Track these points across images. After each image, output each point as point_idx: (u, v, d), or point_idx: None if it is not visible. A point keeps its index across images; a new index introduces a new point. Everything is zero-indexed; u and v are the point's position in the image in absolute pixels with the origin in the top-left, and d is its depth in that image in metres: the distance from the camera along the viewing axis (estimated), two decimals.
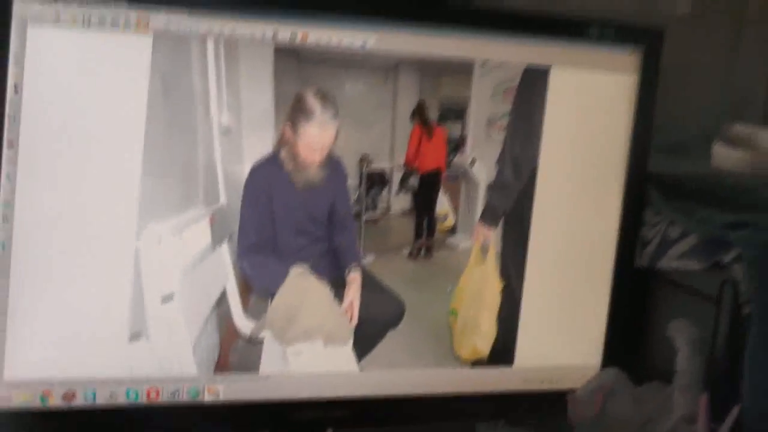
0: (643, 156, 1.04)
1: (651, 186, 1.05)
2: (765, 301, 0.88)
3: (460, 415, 1.07)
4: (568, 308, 1.06)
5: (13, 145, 0.86)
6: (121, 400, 0.94)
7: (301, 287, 0.99)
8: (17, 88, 0.86)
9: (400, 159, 1.03)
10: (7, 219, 0.87)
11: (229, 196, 0.96)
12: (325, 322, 1.00)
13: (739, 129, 1.09)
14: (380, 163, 1.02)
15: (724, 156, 1.06)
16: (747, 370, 0.88)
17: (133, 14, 0.88)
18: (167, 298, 0.94)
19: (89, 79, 0.88)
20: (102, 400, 0.94)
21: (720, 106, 1.21)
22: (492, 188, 1.03)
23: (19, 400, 0.91)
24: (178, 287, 0.94)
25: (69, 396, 0.92)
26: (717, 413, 0.88)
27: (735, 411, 0.87)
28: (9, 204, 0.87)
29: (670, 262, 1.00)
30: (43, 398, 0.92)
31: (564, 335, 1.06)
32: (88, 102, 0.88)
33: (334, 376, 1.01)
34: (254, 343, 0.98)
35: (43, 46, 0.86)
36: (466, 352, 1.05)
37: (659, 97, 1.04)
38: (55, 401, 0.92)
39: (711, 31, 1.24)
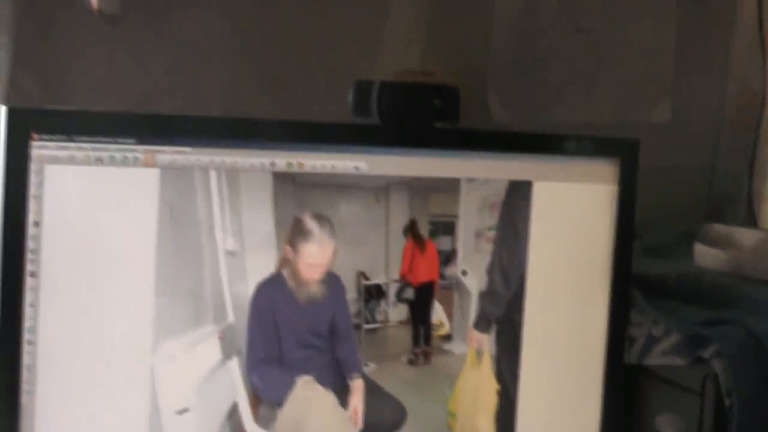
0: (627, 258, 1.09)
1: (635, 286, 1.10)
2: (743, 394, 0.93)
3: None
4: (562, 406, 1.09)
5: (35, 275, 0.93)
6: None
7: (308, 397, 1.03)
8: (37, 223, 0.92)
9: (395, 273, 1.07)
10: (32, 344, 0.93)
11: (236, 313, 1.01)
12: (331, 429, 1.04)
13: (719, 228, 1.14)
14: (377, 278, 1.07)
15: (705, 255, 1.11)
16: None
17: (140, 152, 0.95)
18: (182, 412, 0.99)
19: (103, 211, 0.94)
20: None
21: (701, 206, 1.26)
22: (483, 296, 1.08)
23: None
24: (192, 401, 0.99)
25: None
26: None
27: None
28: (33, 330, 0.93)
29: (655, 359, 1.04)
30: None
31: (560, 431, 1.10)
32: (103, 232, 0.94)
33: None
34: None
35: (60, 184, 0.93)
36: None
37: (641, 199, 1.09)
38: None
39: (690, 135, 1.29)
